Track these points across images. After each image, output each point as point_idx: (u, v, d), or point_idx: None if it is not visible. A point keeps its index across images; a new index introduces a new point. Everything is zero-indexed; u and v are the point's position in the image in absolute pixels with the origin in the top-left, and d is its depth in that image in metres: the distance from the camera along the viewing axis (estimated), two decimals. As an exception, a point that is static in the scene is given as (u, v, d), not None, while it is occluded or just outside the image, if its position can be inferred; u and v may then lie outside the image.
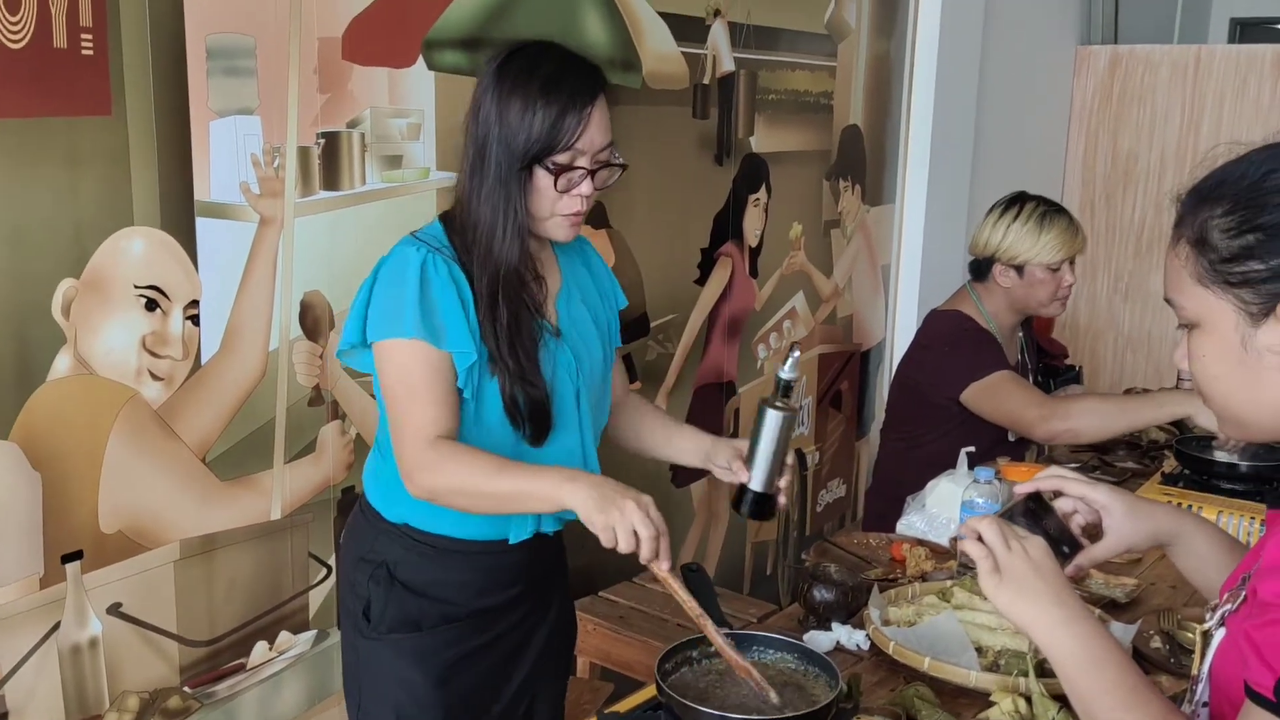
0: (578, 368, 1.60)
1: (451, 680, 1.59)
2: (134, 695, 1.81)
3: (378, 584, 1.59)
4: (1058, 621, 1.08)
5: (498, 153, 1.48)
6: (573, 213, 1.52)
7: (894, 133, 3.65)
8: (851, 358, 3.63)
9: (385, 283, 1.49)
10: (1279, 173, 0.96)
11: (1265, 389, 0.98)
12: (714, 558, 3.09)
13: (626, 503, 1.35)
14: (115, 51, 1.65)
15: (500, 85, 1.48)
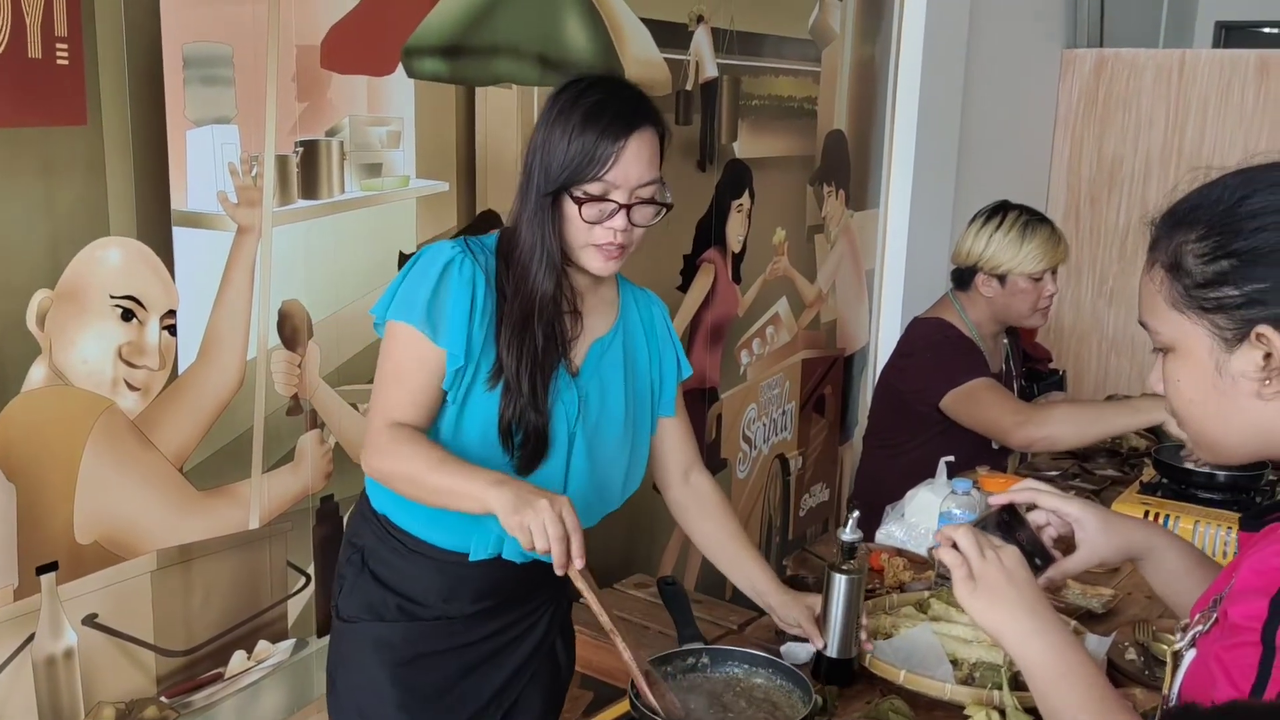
0: (579, 412, 1.59)
1: (407, 677, 1.61)
2: (110, 706, 1.80)
3: (352, 566, 1.65)
4: (1030, 631, 1.09)
5: (538, 178, 1.51)
6: (605, 244, 1.50)
7: (878, 137, 3.65)
8: (835, 363, 3.64)
9: (417, 269, 1.53)
10: (1253, 198, 0.96)
11: (1238, 414, 0.99)
12: (695, 563, 3.09)
13: (540, 501, 1.35)
14: (91, 61, 1.64)
15: (551, 111, 1.52)
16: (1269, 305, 0.95)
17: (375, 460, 1.51)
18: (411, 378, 1.51)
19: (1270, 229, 0.95)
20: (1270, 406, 0.97)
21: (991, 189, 3.94)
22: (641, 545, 2.88)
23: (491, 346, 1.53)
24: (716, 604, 2.57)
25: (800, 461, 3.52)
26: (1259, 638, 0.89)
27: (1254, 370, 0.96)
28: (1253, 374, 0.97)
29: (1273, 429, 0.98)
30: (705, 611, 2.48)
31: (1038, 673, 1.08)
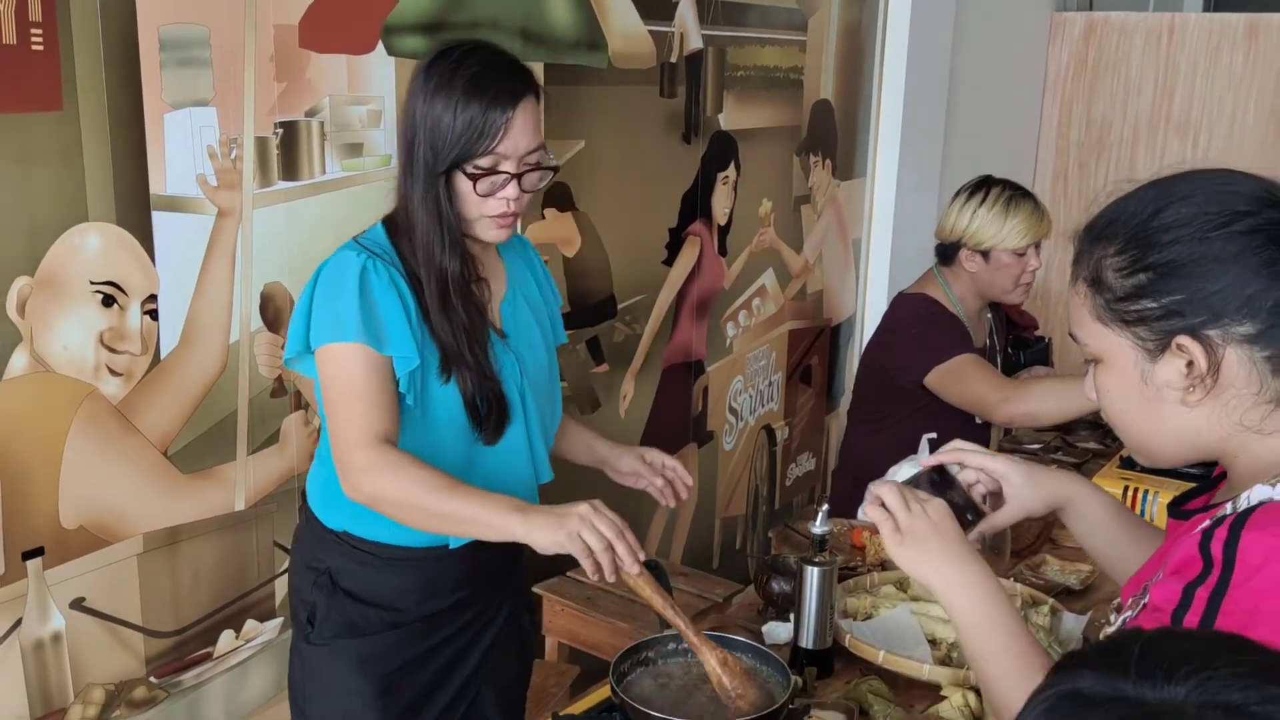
0: (521, 370, 1.61)
1: (395, 686, 1.60)
2: (99, 687, 1.82)
3: (321, 590, 1.60)
4: (956, 582, 1.13)
5: (424, 155, 1.47)
6: (499, 214, 1.50)
7: (866, 105, 3.63)
8: (822, 333, 3.65)
9: (326, 288, 1.48)
10: (1166, 212, 0.98)
11: (1166, 421, 1.01)
12: (682, 534, 3.12)
13: (578, 508, 1.36)
14: (66, 46, 1.63)
15: (427, 85, 1.48)
16: (1186, 316, 0.97)
17: (368, 483, 1.44)
18: (371, 389, 1.45)
19: (1183, 241, 0.96)
20: (1195, 413, 1.00)
21: (979, 155, 3.94)
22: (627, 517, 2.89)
23: (430, 340, 1.51)
24: (702, 577, 2.60)
25: (787, 432, 3.53)
26: (1169, 619, 0.93)
27: (1177, 379, 0.99)
28: (1176, 383, 0.99)
29: (1198, 434, 1.01)
30: (691, 584, 2.51)
31: (963, 621, 1.12)
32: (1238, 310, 0.95)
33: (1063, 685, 0.59)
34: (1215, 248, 0.96)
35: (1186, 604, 0.92)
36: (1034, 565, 1.97)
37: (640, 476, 1.75)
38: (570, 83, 2.47)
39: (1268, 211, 0.96)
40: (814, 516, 1.59)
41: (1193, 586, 0.92)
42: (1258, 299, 0.95)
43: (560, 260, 2.55)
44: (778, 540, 2.18)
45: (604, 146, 2.60)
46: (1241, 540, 0.91)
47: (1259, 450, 0.99)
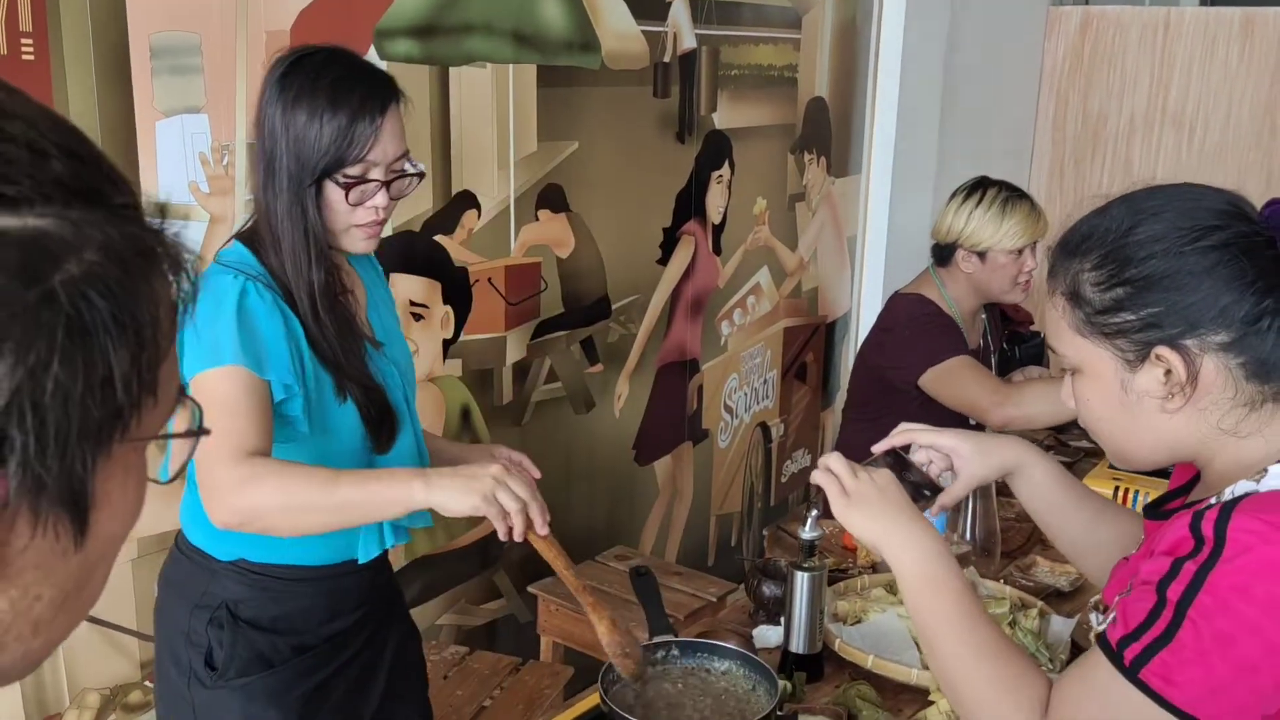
0: (401, 377, 1.59)
1: (310, 713, 1.53)
2: (94, 692, 1.83)
3: (220, 628, 1.49)
4: (899, 539, 1.15)
5: (288, 166, 1.40)
6: (368, 223, 1.46)
7: (860, 102, 3.64)
8: (817, 330, 3.66)
9: (201, 314, 1.37)
10: (1139, 229, 1.02)
11: (1146, 428, 1.05)
12: (678, 532, 3.13)
13: (488, 469, 1.34)
14: (57, 55, 1.63)
15: (284, 95, 1.40)
16: (1164, 328, 1.01)
17: (240, 499, 1.34)
18: (249, 410, 1.36)
19: (1159, 256, 1.01)
20: (1174, 419, 1.03)
21: (975, 150, 3.94)
22: (622, 518, 2.91)
23: (322, 367, 1.45)
24: (697, 576, 2.61)
25: (782, 428, 3.55)
26: (1154, 589, 0.97)
27: (1156, 388, 1.03)
28: (1155, 391, 1.03)
29: (1177, 439, 1.05)
30: (685, 584, 2.52)
31: (906, 579, 1.15)
32: (1213, 320, 1.00)
33: None
34: (1190, 262, 1.00)
35: (1173, 575, 0.96)
36: (1024, 567, 1.99)
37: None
38: (563, 84, 2.47)
39: (1236, 225, 1.01)
40: (803, 521, 1.60)
41: (1182, 560, 0.96)
42: (1231, 309, 0.99)
43: (554, 261, 2.56)
44: (770, 541, 2.19)
45: (597, 148, 2.60)
46: (1232, 521, 0.95)
47: (1235, 452, 1.03)
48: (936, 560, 1.14)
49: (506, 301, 2.45)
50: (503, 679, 2.26)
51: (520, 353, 2.52)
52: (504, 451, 1.65)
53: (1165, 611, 0.96)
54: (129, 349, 0.47)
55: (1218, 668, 0.93)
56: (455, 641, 2.47)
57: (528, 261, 2.49)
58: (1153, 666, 0.95)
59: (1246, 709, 0.95)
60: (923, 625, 1.13)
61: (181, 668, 1.51)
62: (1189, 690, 0.94)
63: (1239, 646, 0.93)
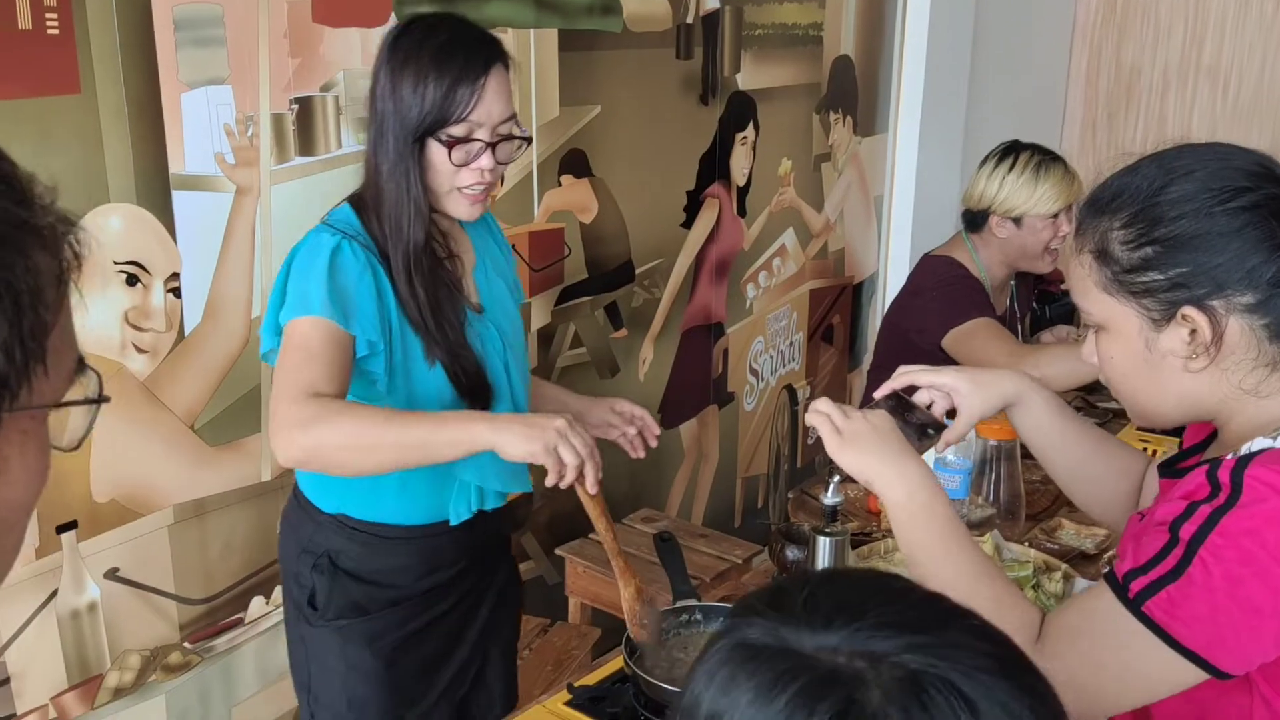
0: (503, 341, 1.62)
1: (400, 659, 1.62)
2: (135, 653, 1.88)
3: (321, 574, 1.59)
4: (891, 472, 1.17)
5: (394, 127, 1.46)
6: (472, 184, 1.50)
7: (887, 60, 3.59)
8: (844, 291, 3.64)
9: (297, 270, 1.47)
10: (1171, 188, 1.03)
11: (1168, 386, 1.07)
12: (703, 495, 3.15)
13: (555, 421, 1.36)
14: (82, 29, 1.65)
15: (394, 58, 1.47)
16: (1192, 288, 1.02)
17: (303, 436, 1.36)
18: (325, 355, 1.40)
19: (1189, 216, 1.02)
20: (1196, 378, 1.05)
21: (1006, 107, 3.89)
22: (649, 480, 2.94)
23: (410, 330, 1.50)
24: (722, 538, 2.63)
25: (808, 391, 3.55)
26: (1167, 528, 0.99)
27: (1181, 347, 1.04)
28: (1180, 350, 1.04)
29: (1198, 398, 1.06)
30: (711, 546, 2.54)
31: (896, 510, 1.16)
32: (1240, 282, 1.01)
33: (734, 635, 0.61)
34: (1219, 223, 1.01)
35: (1187, 515, 0.98)
36: (1050, 529, 1.99)
37: (612, 427, 1.75)
38: (585, 48, 2.46)
39: (1266, 186, 1.01)
40: (826, 486, 1.61)
41: (1197, 503, 0.98)
42: (1259, 271, 1.00)
43: (578, 227, 2.57)
44: (794, 506, 2.21)
45: (620, 111, 2.59)
46: (1249, 470, 0.97)
47: (1255, 411, 1.05)
48: (926, 490, 1.15)
49: (530, 268, 2.46)
50: (532, 639, 2.30)
51: (545, 319, 2.53)
52: (625, 406, 1.74)
53: (1176, 549, 0.97)
54: (6, 318, 0.49)
55: (1223, 607, 0.95)
56: (485, 603, 2.51)
57: (551, 227, 2.50)
58: (1158, 600, 0.96)
59: (1246, 651, 0.96)
60: (915, 553, 1.15)
61: (294, 603, 1.66)
62: (1192, 627, 0.95)
63: (1246, 588, 0.94)
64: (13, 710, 1.74)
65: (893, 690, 0.56)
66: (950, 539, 1.13)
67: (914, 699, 0.56)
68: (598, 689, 1.36)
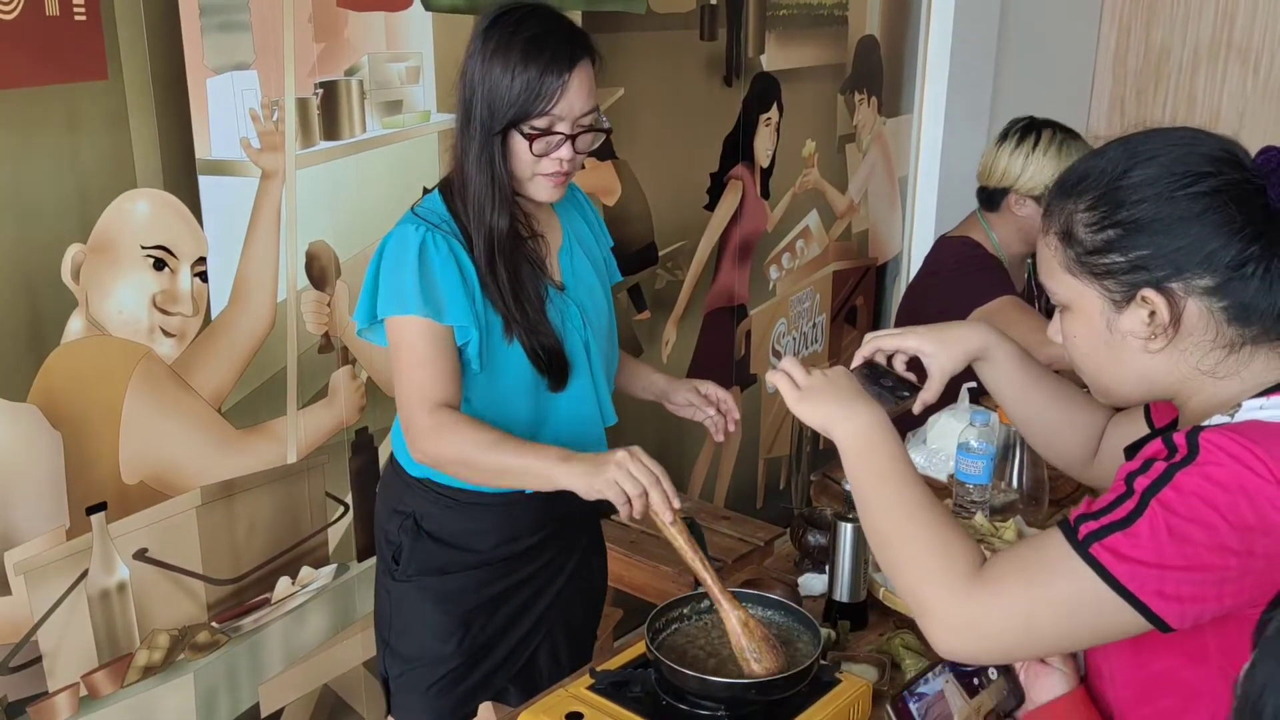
0: (584, 320, 1.65)
1: (473, 621, 1.69)
2: (164, 633, 1.91)
3: (407, 533, 1.68)
4: (843, 418, 1.18)
5: (481, 114, 1.51)
6: (552, 173, 1.54)
7: (913, 40, 3.56)
8: (867, 273, 3.63)
9: (389, 263, 1.54)
10: (1134, 172, 1.04)
11: (1128, 366, 1.09)
12: (726, 475, 3.16)
13: (616, 455, 1.42)
14: (108, 15, 1.66)
15: (485, 47, 1.51)
16: (1151, 270, 1.04)
17: (430, 447, 1.54)
18: (435, 359, 1.52)
19: (1150, 200, 1.03)
20: (1156, 359, 1.07)
21: (1032, 86, 3.85)
22: (671, 461, 2.93)
23: (491, 308, 1.56)
24: (745, 520, 2.63)
25: (831, 372, 3.53)
26: (1123, 480, 1.01)
27: (1140, 328, 1.06)
28: (1140, 331, 1.06)
29: (1157, 378, 1.09)
30: (733, 528, 2.55)
31: (848, 453, 1.17)
32: (1199, 265, 1.03)
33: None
34: (1180, 207, 1.03)
35: (1143, 470, 1.00)
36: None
37: (696, 408, 1.80)
38: (609, 30, 2.46)
39: (1228, 172, 1.03)
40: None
41: (1153, 460, 1.00)
42: (1217, 255, 1.02)
43: (601, 209, 2.56)
44: (816, 490, 2.21)
45: (644, 93, 2.59)
46: (1203, 435, 0.99)
47: (1213, 391, 1.07)
48: (874, 430, 1.16)
49: (554, 250, 2.46)
50: (554, 621, 2.32)
51: (568, 301, 2.53)
52: (710, 388, 1.79)
53: (1129, 500, 0.99)
54: None
55: (1169, 559, 0.96)
56: (508, 584, 2.53)
57: (575, 210, 2.49)
58: (1105, 544, 0.98)
59: (1186, 606, 0.97)
60: (859, 491, 1.15)
61: (383, 559, 1.74)
62: (1137, 573, 0.96)
63: (1192, 543, 0.96)
64: (44, 688, 1.77)
65: None
66: (894, 475, 1.13)
67: None
68: (620, 673, 1.37)
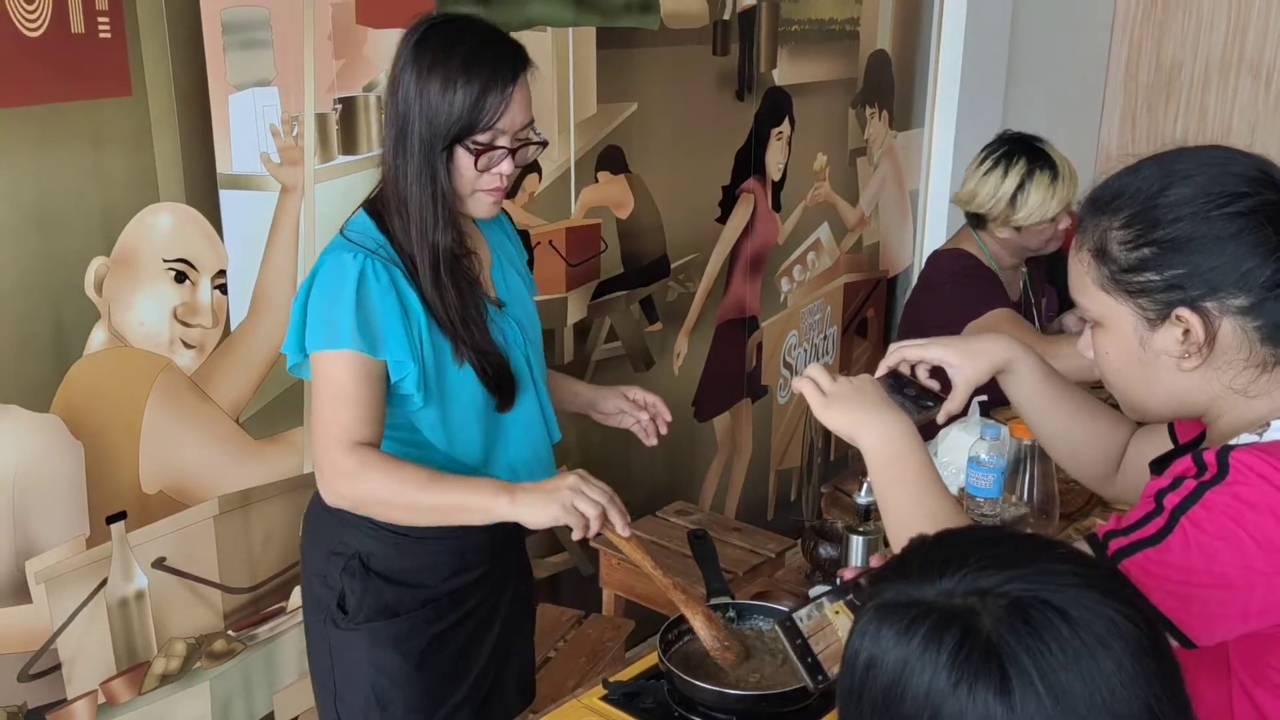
0: (524, 336, 1.63)
1: (429, 660, 1.62)
2: (181, 641, 1.93)
3: (352, 575, 1.58)
4: (869, 426, 1.21)
5: (421, 131, 1.46)
6: (493, 188, 1.52)
7: (924, 54, 3.58)
8: (878, 285, 3.64)
9: (321, 292, 1.47)
10: (1170, 191, 1.05)
11: (1160, 383, 1.09)
12: (737, 487, 3.17)
13: (565, 481, 1.41)
14: (133, 32, 1.69)
15: (420, 62, 1.45)
16: (1187, 289, 1.04)
17: (347, 488, 1.47)
18: (362, 396, 1.45)
19: (1186, 220, 1.03)
20: (1188, 377, 1.07)
21: (1043, 100, 3.87)
22: (682, 473, 2.96)
23: (439, 332, 1.51)
24: (755, 532, 2.64)
25: (841, 384, 3.54)
26: (1153, 498, 1.02)
27: (1174, 346, 1.06)
28: (1173, 350, 1.06)
29: (1189, 396, 1.09)
30: (744, 540, 2.56)
31: (874, 461, 1.20)
32: (1234, 285, 1.03)
33: (874, 600, 0.76)
34: (1216, 226, 1.03)
35: (1173, 487, 1.01)
36: (1084, 529, 1.99)
37: (625, 414, 1.77)
38: (622, 45, 2.48)
39: (1264, 192, 1.04)
40: (860, 485, 1.62)
41: (1183, 478, 1.01)
42: (1252, 274, 1.03)
43: (614, 222, 2.59)
44: (827, 502, 2.22)
45: (656, 108, 2.61)
46: (1234, 454, 1.00)
47: (1243, 410, 1.08)
48: (901, 440, 1.18)
49: (567, 263, 2.49)
50: (566, 631, 2.33)
51: (581, 313, 2.56)
52: (638, 393, 1.75)
53: (1159, 517, 1.00)
54: None
55: (1197, 576, 0.97)
56: (520, 594, 2.55)
57: (588, 223, 2.52)
58: (1135, 560, 0.99)
59: (1212, 624, 0.99)
60: (883, 499, 1.17)
61: (320, 606, 1.63)
62: (1165, 589, 0.97)
63: (1221, 562, 0.97)
64: (63, 695, 1.79)
65: (1000, 616, 0.70)
66: (921, 484, 1.15)
67: (1018, 619, 0.70)
68: (632, 685, 1.39)
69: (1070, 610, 0.70)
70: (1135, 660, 0.70)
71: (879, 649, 0.73)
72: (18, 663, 1.74)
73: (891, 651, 0.72)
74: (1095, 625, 0.70)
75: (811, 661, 1.16)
